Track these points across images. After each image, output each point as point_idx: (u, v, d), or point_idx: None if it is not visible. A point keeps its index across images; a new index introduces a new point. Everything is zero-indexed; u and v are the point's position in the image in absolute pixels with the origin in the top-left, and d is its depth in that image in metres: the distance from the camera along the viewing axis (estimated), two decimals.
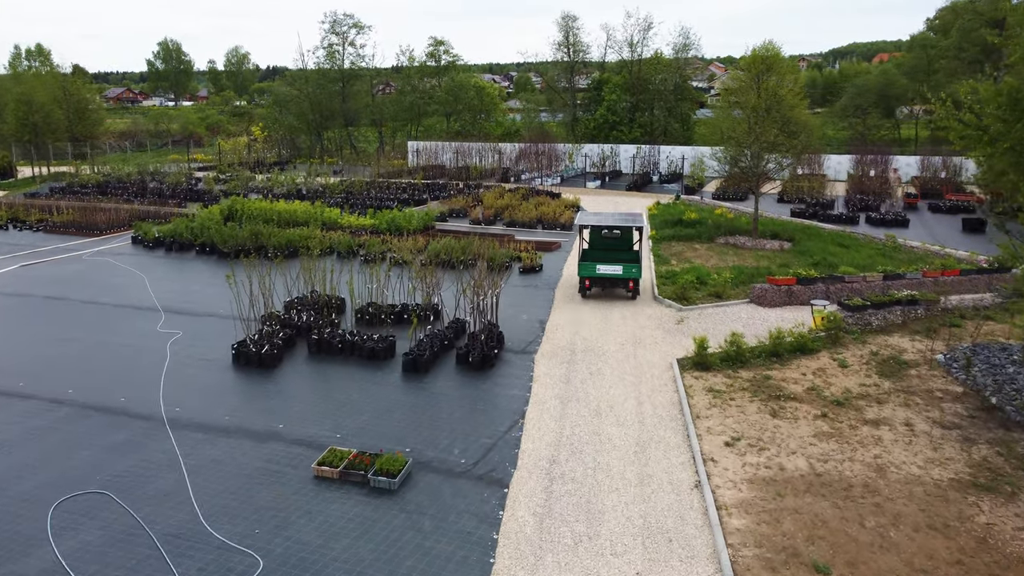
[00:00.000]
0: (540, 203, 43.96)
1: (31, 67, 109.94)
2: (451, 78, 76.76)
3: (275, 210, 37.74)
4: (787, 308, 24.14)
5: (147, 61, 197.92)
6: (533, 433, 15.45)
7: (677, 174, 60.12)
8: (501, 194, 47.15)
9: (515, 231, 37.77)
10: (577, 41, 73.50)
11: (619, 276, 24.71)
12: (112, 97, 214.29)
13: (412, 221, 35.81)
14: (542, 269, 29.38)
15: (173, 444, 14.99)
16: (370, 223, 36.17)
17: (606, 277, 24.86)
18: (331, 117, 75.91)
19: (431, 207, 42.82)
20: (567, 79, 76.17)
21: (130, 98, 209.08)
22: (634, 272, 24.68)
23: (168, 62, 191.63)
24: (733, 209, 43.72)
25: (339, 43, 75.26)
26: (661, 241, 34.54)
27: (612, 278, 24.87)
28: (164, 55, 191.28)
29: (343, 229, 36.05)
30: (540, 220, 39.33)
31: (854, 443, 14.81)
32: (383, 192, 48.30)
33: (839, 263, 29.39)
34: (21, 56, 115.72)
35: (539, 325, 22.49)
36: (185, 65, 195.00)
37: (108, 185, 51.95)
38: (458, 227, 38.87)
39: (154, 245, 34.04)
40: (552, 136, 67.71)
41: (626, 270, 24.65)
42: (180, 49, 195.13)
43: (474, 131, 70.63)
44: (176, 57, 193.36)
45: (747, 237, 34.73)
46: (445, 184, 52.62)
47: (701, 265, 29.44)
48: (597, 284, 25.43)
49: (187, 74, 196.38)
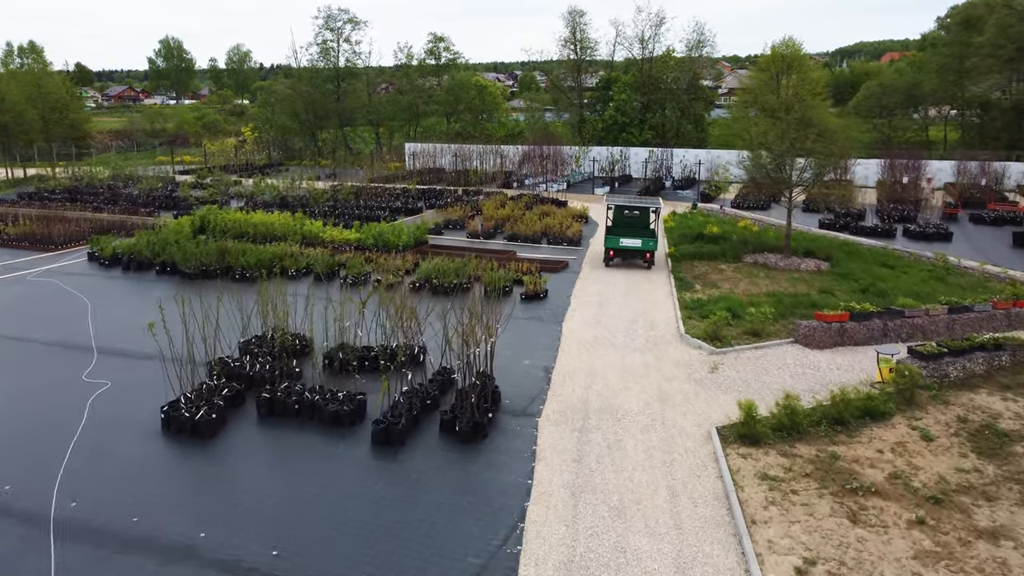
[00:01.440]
0: (545, 213, 40.09)
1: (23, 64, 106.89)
2: (451, 76, 72.87)
3: (250, 222, 33.93)
4: (840, 350, 20.23)
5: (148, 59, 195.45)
6: (536, 549, 11.58)
7: (691, 179, 56.21)
8: (502, 202, 43.26)
9: (517, 246, 33.87)
10: (584, 37, 69.59)
11: (638, 248, 29.55)
12: (114, 95, 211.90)
13: (402, 236, 31.95)
14: (547, 296, 25.49)
15: (51, 567, 11.15)
16: (355, 238, 32.32)
17: (627, 249, 29.72)
18: (326, 117, 72.14)
19: (425, 217, 38.98)
20: (574, 77, 72.19)
21: (132, 96, 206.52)
22: (651, 245, 29.60)
23: (169, 60, 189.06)
24: (757, 221, 39.77)
25: (334, 39, 71.49)
26: (682, 260, 30.62)
27: (632, 250, 29.72)
28: (165, 53, 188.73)
29: (325, 245, 32.24)
30: (545, 233, 35.44)
31: (972, 571, 10.91)
32: (374, 199, 44.45)
33: (889, 289, 25.45)
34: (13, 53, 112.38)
35: (543, 374, 18.62)
36: (187, 63, 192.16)
37: (78, 191, 48.23)
38: (454, 241, 35.00)
39: (111, 263, 30.26)
40: (557, 138, 63.82)
41: (644, 243, 29.52)
42: (181, 47, 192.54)
43: (475, 132, 66.77)
44: (177, 55, 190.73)
45: (778, 255, 30.82)
46: (442, 191, 48.79)
47: (731, 293, 25.52)
48: (619, 255, 30.07)
49: (189, 72, 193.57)
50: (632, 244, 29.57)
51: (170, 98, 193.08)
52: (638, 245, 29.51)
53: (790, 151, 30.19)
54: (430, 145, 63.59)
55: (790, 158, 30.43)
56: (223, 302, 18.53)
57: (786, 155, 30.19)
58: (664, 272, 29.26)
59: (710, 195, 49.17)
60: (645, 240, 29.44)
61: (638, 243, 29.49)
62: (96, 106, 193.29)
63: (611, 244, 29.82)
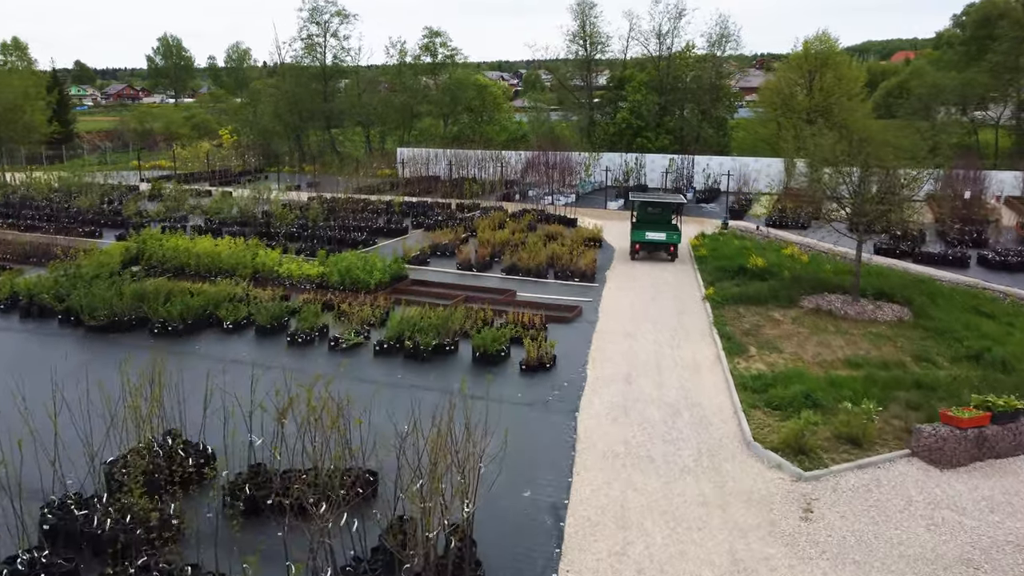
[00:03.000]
0: (551, 235, 33.94)
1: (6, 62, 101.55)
2: (448, 75, 66.63)
3: (193, 252, 27.82)
4: (981, 469, 14.03)
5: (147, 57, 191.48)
6: None
7: (715, 191, 49.95)
8: (501, 221, 37.11)
9: (518, 282, 27.69)
10: (595, 32, 63.15)
11: (663, 241, 30.60)
12: (113, 94, 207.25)
13: (375, 271, 25.76)
14: (555, 364, 19.29)
15: None
16: (318, 273, 26.16)
17: (652, 242, 30.73)
18: (311, 118, 66.03)
19: (408, 244, 32.77)
20: (583, 76, 65.84)
21: (131, 95, 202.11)
22: (675, 239, 30.66)
23: (168, 58, 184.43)
24: (803, 246, 33.55)
25: (320, 34, 65.27)
26: (724, 304, 24.40)
27: (657, 243, 30.74)
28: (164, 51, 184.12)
29: (281, 282, 26.13)
30: (552, 264, 29.30)
31: None
32: (354, 216, 38.23)
33: (1009, 357, 19.20)
34: None
35: (553, 518, 12.43)
36: (186, 61, 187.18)
37: (10, 204, 42.17)
38: (442, 273, 28.84)
39: (7, 308, 24.14)
40: (565, 142, 57.62)
41: (668, 236, 30.59)
42: (180, 45, 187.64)
43: (474, 136, 60.58)
44: (176, 53, 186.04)
45: (843, 297, 24.62)
46: (434, 205, 42.62)
47: (799, 361, 19.31)
48: (644, 248, 31.08)
49: (188, 71, 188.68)
50: (657, 237, 30.76)
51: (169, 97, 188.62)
52: (662, 238, 30.76)
53: (865, 171, 23.93)
54: (423, 151, 57.47)
55: (864, 179, 24.18)
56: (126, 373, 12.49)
57: (863, 178, 23.92)
58: (702, 317, 23.04)
59: (738, 209, 42.92)
60: (669, 234, 30.85)
61: (662, 236, 30.75)
62: (94, 104, 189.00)
63: (637, 238, 31.09)
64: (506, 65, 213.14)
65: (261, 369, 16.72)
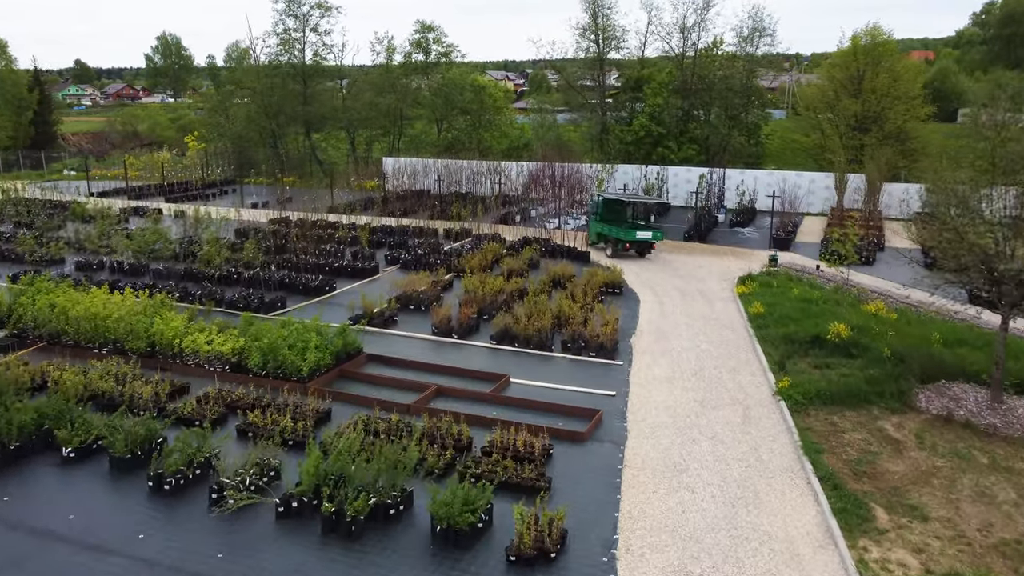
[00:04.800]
0: (558, 277, 26.65)
1: None
2: (442, 75, 59.07)
3: (72, 316, 20.41)
4: None
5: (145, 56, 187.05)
6: None
7: (751, 210, 42.37)
8: (497, 255, 29.72)
9: (512, 357, 20.18)
10: (609, 25, 55.41)
11: (650, 240, 31.80)
12: (112, 93, 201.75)
13: (310, 349, 18.28)
14: (564, 547, 11.82)
15: None
16: (234, 349, 18.73)
17: (641, 241, 31.68)
18: (289, 123, 58.66)
19: (374, 293, 25.24)
20: (594, 75, 58.10)
21: (130, 95, 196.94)
22: (659, 236, 32.15)
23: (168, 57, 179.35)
24: (883, 296, 26.05)
25: (298, 28, 57.80)
26: (807, 406, 16.87)
27: (645, 241, 31.80)
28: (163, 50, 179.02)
29: (185, 361, 18.78)
30: (559, 325, 21.88)
31: None
32: (314, 249, 30.72)
33: None
34: None
35: None
36: (185, 60, 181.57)
37: None
38: (411, 343, 21.36)
39: None
40: (574, 152, 50.12)
41: (654, 235, 31.93)
42: (180, 44, 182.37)
43: (470, 144, 53.11)
44: (176, 52, 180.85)
45: (976, 391, 17.14)
46: (416, 231, 35.17)
47: (960, 541, 11.79)
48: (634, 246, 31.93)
49: (187, 70, 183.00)
50: (645, 236, 31.61)
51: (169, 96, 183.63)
52: (649, 237, 31.73)
53: None
54: (411, 161, 50.03)
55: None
56: None
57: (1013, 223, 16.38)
58: (782, 438, 15.52)
59: (787, 238, 35.36)
60: (655, 232, 32.01)
61: (649, 235, 31.73)
62: (92, 104, 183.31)
63: (629, 237, 31.57)
64: (512, 65, 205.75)
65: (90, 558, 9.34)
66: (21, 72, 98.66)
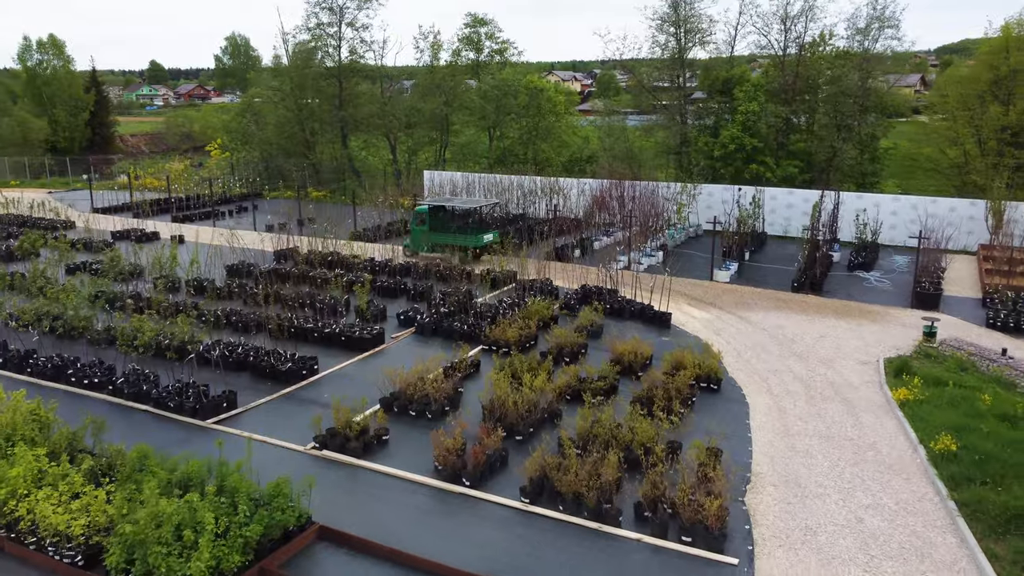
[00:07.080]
0: (629, 361, 18.54)
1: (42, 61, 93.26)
2: (493, 75, 51.33)
3: None
4: None
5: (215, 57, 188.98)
6: None
7: (874, 246, 33.30)
8: (543, 321, 21.84)
9: (551, 529, 12.05)
10: (692, 15, 46.59)
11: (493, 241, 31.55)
12: (184, 93, 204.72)
13: (202, 549, 10.67)
14: None
15: None
16: (88, 529, 11.29)
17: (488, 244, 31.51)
18: (321, 130, 51.99)
19: (362, 391, 17.50)
20: (672, 76, 49.32)
21: (201, 95, 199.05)
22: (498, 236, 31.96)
23: (236, 58, 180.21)
24: None
25: (333, 22, 50.97)
26: None
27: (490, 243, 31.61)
28: (232, 51, 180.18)
29: (17, 537, 11.52)
30: (629, 467, 13.81)
31: None
32: (306, 301, 23.36)
33: None
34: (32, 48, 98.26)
35: None
36: (253, 60, 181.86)
37: None
38: (394, 494, 13.46)
39: None
40: (645, 166, 41.82)
41: (494, 236, 31.95)
42: (248, 44, 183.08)
43: (525, 156, 45.22)
44: (244, 52, 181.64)
45: None
46: (448, 272, 27.54)
47: None
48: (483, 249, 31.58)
49: (255, 69, 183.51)
50: (491, 239, 31.55)
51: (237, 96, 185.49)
52: (492, 238, 31.63)
53: None
54: (455, 175, 42.57)
55: None
56: None
57: None
58: None
59: (932, 291, 26.31)
60: (493, 233, 32.20)
61: (491, 236, 31.70)
62: (164, 104, 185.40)
63: (478, 243, 31.05)
64: (580, 65, 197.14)
65: None
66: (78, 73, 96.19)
